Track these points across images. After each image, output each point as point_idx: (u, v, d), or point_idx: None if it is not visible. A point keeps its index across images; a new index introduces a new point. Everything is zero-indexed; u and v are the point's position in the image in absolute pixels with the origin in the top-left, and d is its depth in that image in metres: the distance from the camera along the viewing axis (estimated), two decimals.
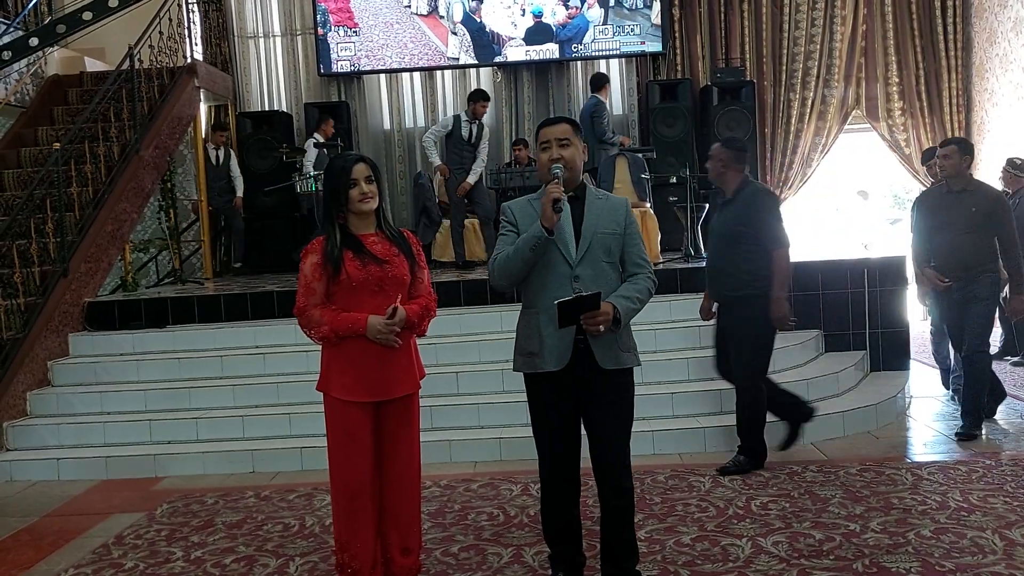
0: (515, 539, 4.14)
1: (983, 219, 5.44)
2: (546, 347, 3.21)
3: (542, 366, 3.23)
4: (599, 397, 3.26)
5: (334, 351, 3.28)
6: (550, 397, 3.29)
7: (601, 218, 3.27)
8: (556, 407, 3.29)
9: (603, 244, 3.25)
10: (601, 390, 3.25)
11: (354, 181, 3.25)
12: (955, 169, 5.55)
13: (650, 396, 5.80)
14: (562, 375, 3.22)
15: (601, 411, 3.27)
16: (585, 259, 3.21)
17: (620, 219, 3.31)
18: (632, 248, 3.32)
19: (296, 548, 4.20)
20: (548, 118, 3.49)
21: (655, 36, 10.06)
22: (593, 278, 3.21)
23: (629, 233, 3.32)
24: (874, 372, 6.85)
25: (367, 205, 3.27)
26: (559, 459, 3.35)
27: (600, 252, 3.24)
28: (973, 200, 5.49)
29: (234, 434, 5.91)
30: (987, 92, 9.84)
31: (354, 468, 3.28)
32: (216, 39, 10.78)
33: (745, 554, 3.81)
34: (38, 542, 4.54)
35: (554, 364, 3.21)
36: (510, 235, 3.29)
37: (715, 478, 4.87)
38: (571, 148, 3.27)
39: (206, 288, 8.20)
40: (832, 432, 5.63)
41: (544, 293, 3.23)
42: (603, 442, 3.29)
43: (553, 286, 3.21)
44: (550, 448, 3.35)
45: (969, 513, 4.15)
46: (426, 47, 10.26)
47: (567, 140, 3.28)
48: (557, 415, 3.30)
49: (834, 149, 10.50)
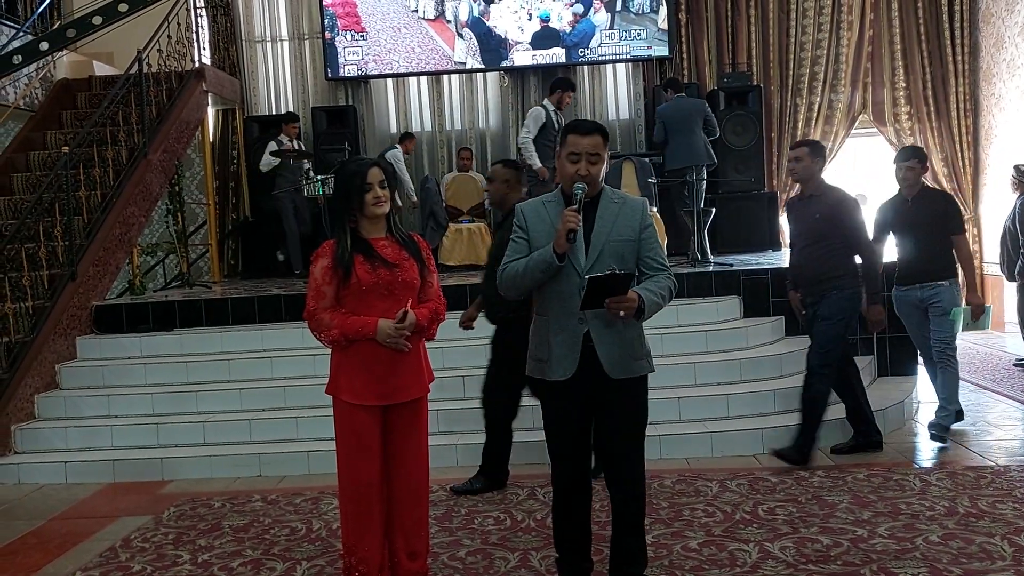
0: (522, 544, 4.13)
1: (828, 225, 5.01)
2: (554, 356, 3.20)
3: (550, 374, 3.22)
4: (609, 406, 3.23)
5: (343, 355, 3.29)
6: (560, 404, 3.27)
7: (614, 225, 3.19)
8: (567, 414, 3.27)
9: (614, 252, 3.17)
10: (611, 399, 3.22)
11: (369, 185, 3.26)
12: (807, 172, 5.09)
13: (657, 401, 5.70)
14: (570, 383, 3.19)
15: (612, 421, 3.25)
16: (595, 268, 3.12)
17: (635, 224, 3.21)
18: (649, 252, 3.23)
19: (303, 552, 4.20)
20: (580, 121, 3.28)
21: (662, 41, 10.06)
22: None
23: (645, 237, 3.22)
24: (882, 377, 6.83)
25: (381, 209, 3.29)
26: (571, 466, 3.33)
27: (611, 260, 3.14)
28: (817, 206, 5.07)
29: (241, 438, 5.92)
30: (994, 97, 9.82)
31: (362, 471, 3.28)
32: (224, 43, 10.80)
33: (752, 559, 3.80)
34: (45, 545, 4.55)
35: (562, 373, 3.19)
36: (520, 242, 3.25)
37: (722, 482, 4.85)
38: (599, 165, 3.16)
39: (213, 291, 8.21)
40: (840, 437, 5.60)
41: (556, 302, 3.21)
42: (614, 451, 3.27)
43: (564, 295, 3.18)
44: (561, 454, 3.33)
45: (978, 519, 4.14)
46: (433, 51, 10.28)
47: (598, 156, 3.15)
48: (568, 422, 3.28)
49: (840, 154, 10.47)
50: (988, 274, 9.95)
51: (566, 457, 3.32)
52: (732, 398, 5.84)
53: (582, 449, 3.32)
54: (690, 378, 6.07)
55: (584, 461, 3.34)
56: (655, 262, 3.24)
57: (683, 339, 6.40)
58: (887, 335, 6.83)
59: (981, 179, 10.15)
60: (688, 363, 6.15)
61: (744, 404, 5.82)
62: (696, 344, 6.37)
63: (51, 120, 9.23)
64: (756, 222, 9.54)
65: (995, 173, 9.79)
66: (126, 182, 7.91)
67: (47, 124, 9.16)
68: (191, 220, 9.91)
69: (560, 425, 3.30)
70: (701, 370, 6.09)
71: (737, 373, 6.10)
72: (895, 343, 6.85)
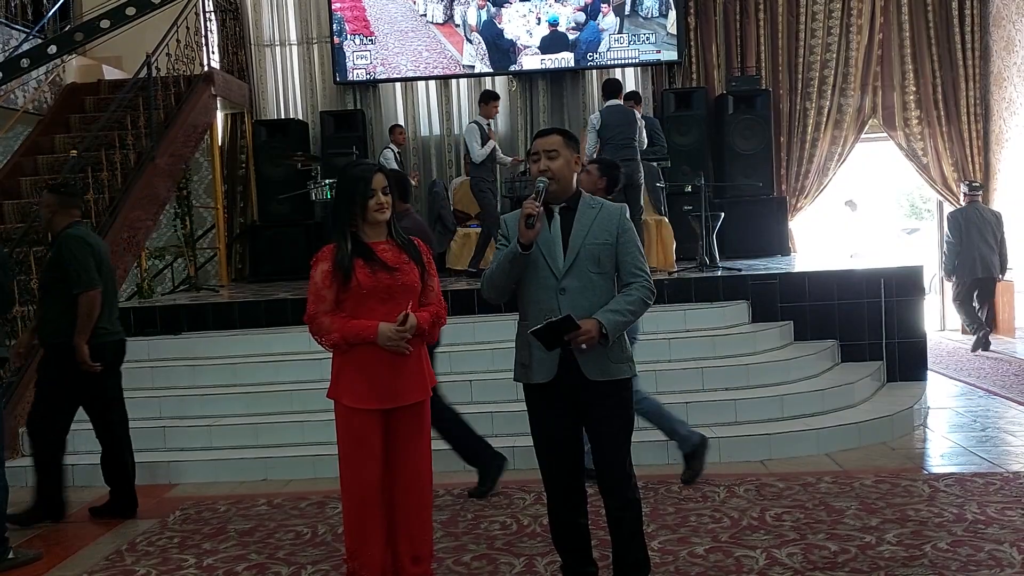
0: (527, 549, 4.12)
1: None
2: (535, 359, 3.22)
3: (533, 377, 3.25)
4: (591, 408, 3.25)
5: (345, 358, 3.29)
6: (544, 407, 3.30)
7: (591, 229, 3.25)
8: (550, 417, 3.29)
9: (591, 255, 3.22)
10: (592, 401, 3.24)
11: (372, 191, 3.26)
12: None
13: (664, 405, 5.77)
14: (554, 386, 3.22)
15: (595, 422, 3.28)
16: (572, 271, 3.20)
17: (612, 228, 3.26)
18: (627, 256, 3.27)
19: (308, 556, 4.19)
20: (541, 129, 3.50)
21: (671, 45, 10.04)
22: (580, 290, 3.20)
23: (623, 242, 3.27)
24: (890, 382, 6.79)
25: (383, 215, 3.29)
26: (557, 468, 3.34)
27: (588, 264, 3.21)
28: None
29: (247, 441, 5.92)
30: (1005, 101, 9.77)
31: (363, 475, 3.28)
32: (233, 47, 10.82)
33: (759, 565, 3.78)
34: (51, 548, 4.55)
35: (543, 376, 3.22)
36: (503, 248, 3.29)
37: (729, 488, 4.83)
38: (559, 160, 3.25)
39: (220, 295, 8.22)
40: (847, 443, 5.58)
41: (533, 306, 3.25)
42: (601, 453, 3.29)
43: (541, 298, 3.22)
44: (547, 457, 3.35)
45: (987, 526, 4.10)
46: (441, 55, 10.28)
47: (555, 152, 3.25)
48: (552, 425, 3.30)
49: (850, 158, 10.44)
50: None
51: (553, 459, 3.33)
52: (739, 403, 5.81)
53: (568, 451, 3.32)
54: (697, 383, 6.05)
55: (572, 463, 3.33)
56: (632, 267, 3.28)
57: (690, 344, 6.38)
58: (896, 340, 6.80)
59: (991, 184, 10.09)
60: (695, 368, 6.13)
61: (751, 409, 5.79)
62: (703, 349, 6.35)
63: (59, 124, 9.25)
64: (765, 227, 9.51)
65: (1006, 178, 9.75)
66: (134, 186, 7.93)
67: (55, 128, 9.18)
68: (199, 224, 9.94)
69: (544, 427, 3.32)
70: (708, 375, 6.07)
71: (744, 378, 6.07)
72: (904, 348, 6.81)
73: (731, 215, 9.01)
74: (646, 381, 5.39)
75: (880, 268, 7.12)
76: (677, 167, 9.35)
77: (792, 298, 6.86)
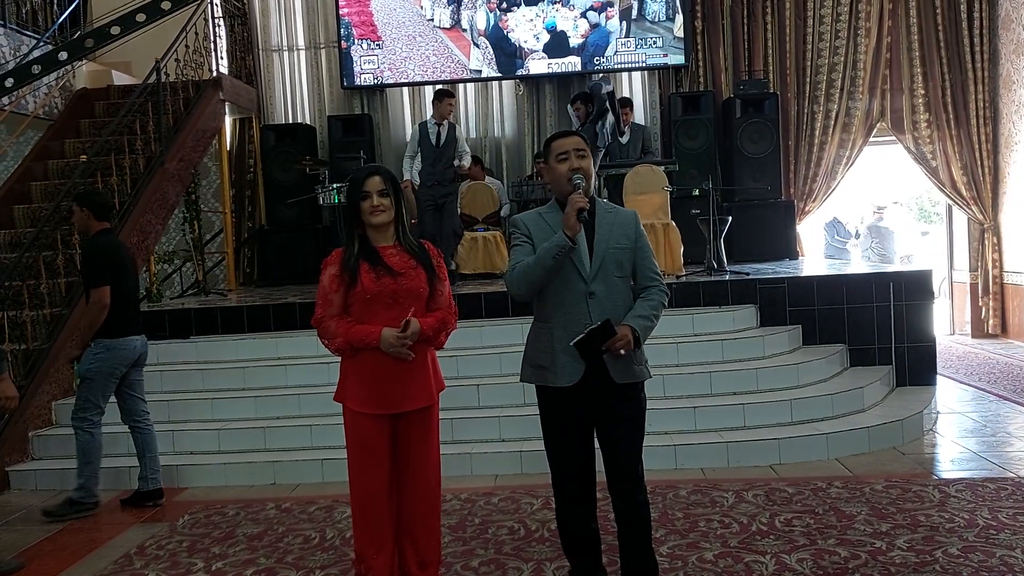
0: (536, 553, 4.11)
1: None
2: (558, 363, 3.22)
3: (553, 381, 3.24)
4: (611, 411, 3.26)
5: (352, 362, 3.29)
6: (561, 411, 3.29)
7: (612, 233, 3.27)
8: (568, 421, 3.29)
9: (615, 259, 3.25)
10: (613, 404, 3.25)
11: (366, 193, 3.26)
12: None
13: (672, 410, 5.77)
14: (573, 389, 3.22)
15: (614, 425, 3.27)
16: (599, 275, 3.22)
17: (631, 233, 3.31)
18: (643, 261, 3.33)
19: (316, 560, 4.19)
20: (559, 131, 3.49)
21: (678, 48, 10.03)
22: (607, 294, 3.22)
23: (640, 246, 3.32)
24: (900, 387, 6.76)
25: (375, 218, 3.27)
26: (571, 472, 3.34)
27: (612, 268, 3.25)
28: None
29: (255, 445, 5.93)
30: (1014, 104, 9.73)
31: (369, 479, 3.28)
32: (241, 52, 10.86)
33: (769, 571, 3.76)
34: (60, 552, 4.56)
35: (566, 380, 3.21)
36: (525, 246, 3.29)
37: (739, 493, 4.81)
38: (587, 159, 3.28)
39: (229, 299, 8.23)
40: (857, 448, 5.56)
41: (561, 310, 3.24)
42: (617, 456, 3.28)
43: (569, 303, 3.22)
44: (562, 461, 3.35)
45: (998, 531, 4.08)
46: (448, 60, 10.29)
47: (584, 152, 3.28)
48: (569, 429, 3.30)
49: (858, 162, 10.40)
50: (1008, 283, 9.86)
51: (568, 463, 3.33)
52: (748, 408, 5.80)
53: (584, 455, 3.32)
54: (706, 387, 6.04)
55: (586, 467, 3.34)
56: (650, 271, 3.34)
57: (699, 348, 6.36)
58: (905, 344, 6.78)
59: (1001, 187, 10.05)
60: (704, 372, 6.11)
61: (760, 414, 5.78)
62: (712, 353, 6.33)
63: (69, 129, 9.30)
64: (773, 230, 9.49)
65: (1015, 181, 9.70)
66: (143, 190, 7.96)
67: (65, 133, 9.23)
68: (207, 228, 9.96)
69: (562, 431, 3.32)
70: (717, 379, 6.06)
71: (753, 383, 6.06)
72: (914, 353, 6.79)
73: (739, 219, 9.01)
74: (654, 385, 5.38)
75: (889, 272, 7.11)
76: (685, 171, 9.35)
77: (801, 302, 6.84)
